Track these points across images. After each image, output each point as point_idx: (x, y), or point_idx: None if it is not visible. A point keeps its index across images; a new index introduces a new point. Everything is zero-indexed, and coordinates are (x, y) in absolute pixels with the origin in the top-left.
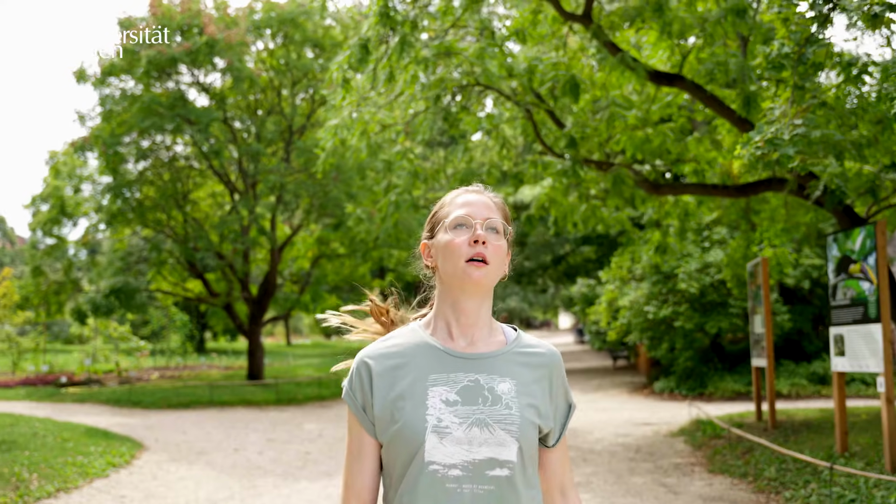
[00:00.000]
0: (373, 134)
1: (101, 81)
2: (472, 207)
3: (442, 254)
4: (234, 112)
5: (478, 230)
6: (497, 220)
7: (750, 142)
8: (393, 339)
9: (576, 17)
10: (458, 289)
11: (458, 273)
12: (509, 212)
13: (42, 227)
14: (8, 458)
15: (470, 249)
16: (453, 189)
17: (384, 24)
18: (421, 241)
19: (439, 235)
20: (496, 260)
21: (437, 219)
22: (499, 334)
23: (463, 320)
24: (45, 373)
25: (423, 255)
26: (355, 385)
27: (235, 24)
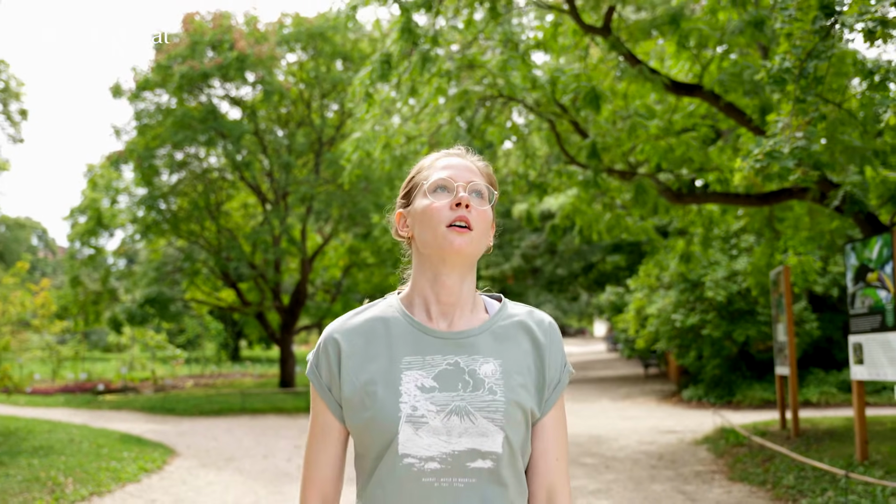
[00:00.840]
0: (398, 146)
1: (135, 96)
2: (454, 170)
3: (419, 220)
4: (266, 124)
5: (460, 192)
6: (481, 184)
7: (749, 154)
8: (366, 314)
9: (595, 29)
10: (437, 259)
11: (438, 240)
12: (495, 178)
13: (80, 238)
14: (45, 462)
15: (451, 213)
16: None
17: (406, 40)
18: (395, 210)
19: (417, 201)
20: (480, 226)
21: (413, 184)
22: (481, 311)
23: (444, 297)
24: (84, 380)
25: (398, 225)
26: (321, 362)
27: (265, 38)
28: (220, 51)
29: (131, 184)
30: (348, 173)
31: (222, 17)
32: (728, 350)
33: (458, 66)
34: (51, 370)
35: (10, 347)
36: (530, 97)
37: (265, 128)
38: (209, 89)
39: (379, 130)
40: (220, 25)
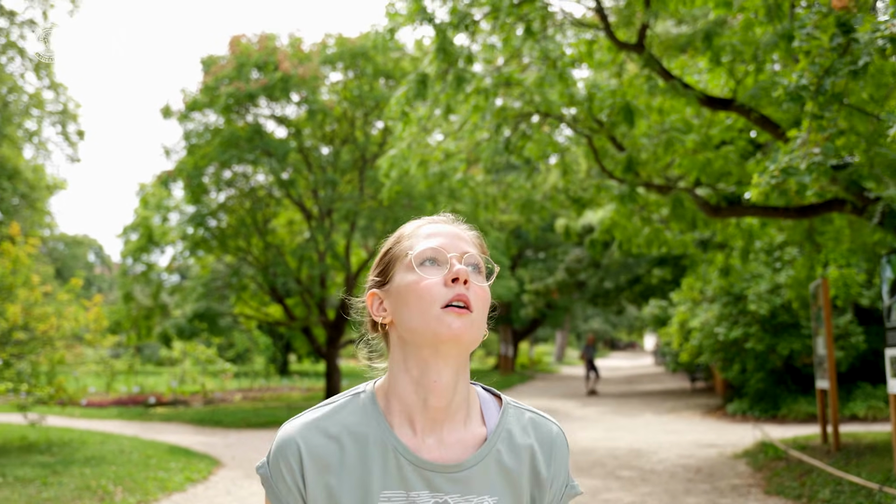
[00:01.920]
0: (436, 163)
1: (184, 117)
2: (444, 238)
3: (404, 300)
4: (312, 142)
5: (456, 265)
6: (476, 256)
7: (766, 170)
8: (335, 418)
9: (629, 46)
10: (428, 350)
11: (431, 325)
12: (486, 248)
13: (132, 255)
14: (96, 471)
15: (446, 291)
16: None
17: (442, 60)
18: (367, 290)
19: (398, 276)
20: (480, 306)
21: (392, 256)
22: (477, 420)
23: (433, 402)
24: (136, 394)
25: (371, 310)
26: (281, 478)
27: (309, 59)
28: (266, 72)
29: (181, 202)
30: (387, 189)
31: (267, 38)
32: (772, 364)
33: (496, 83)
34: (105, 383)
35: (65, 361)
36: (568, 113)
37: (311, 145)
38: (255, 109)
39: (415, 148)
40: (265, 47)
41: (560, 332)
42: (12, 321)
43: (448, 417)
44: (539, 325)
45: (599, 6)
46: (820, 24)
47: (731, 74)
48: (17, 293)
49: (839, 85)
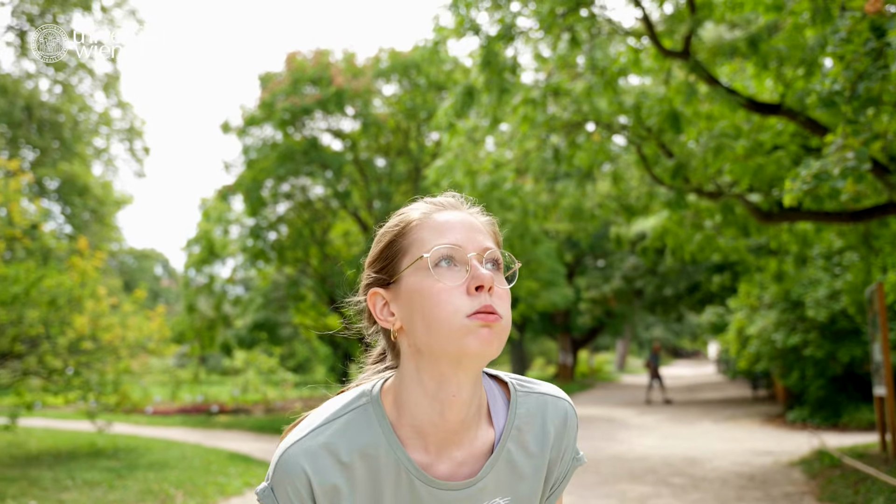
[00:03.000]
0: (486, 173)
1: (243, 132)
2: (460, 232)
3: (419, 308)
4: (367, 154)
5: (478, 269)
6: (496, 250)
7: (798, 176)
8: (345, 439)
9: (675, 53)
10: (448, 363)
11: (454, 338)
12: (500, 236)
13: (195, 267)
14: (159, 476)
15: (470, 301)
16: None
17: (489, 71)
18: (366, 288)
19: (408, 279)
20: (507, 311)
21: (394, 252)
22: (485, 422)
23: (450, 416)
24: (200, 402)
25: (375, 312)
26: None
27: (362, 73)
28: (321, 86)
29: (242, 215)
30: None
31: (322, 54)
32: (832, 371)
33: (544, 93)
34: (170, 392)
35: (131, 370)
36: (618, 121)
37: (367, 158)
38: (311, 123)
39: (461, 158)
40: (319, 63)
41: (621, 341)
42: (80, 331)
43: (463, 429)
44: (598, 333)
45: (645, 15)
46: (854, 29)
47: (780, 79)
48: (85, 305)
49: (873, 89)
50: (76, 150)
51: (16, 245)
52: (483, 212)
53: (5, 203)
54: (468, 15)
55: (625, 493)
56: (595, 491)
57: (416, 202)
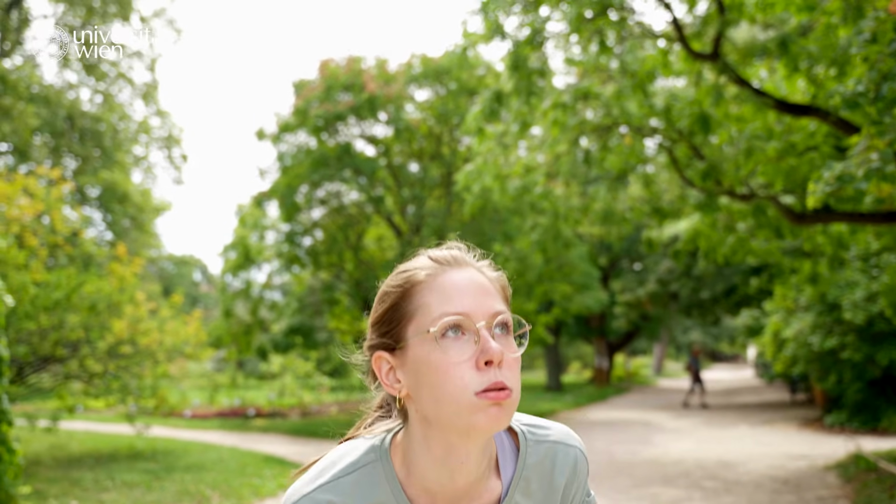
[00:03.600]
0: (516, 177)
1: (277, 139)
2: (468, 297)
3: (426, 382)
4: (402, 159)
5: (488, 341)
6: (506, 313)
7: (821, 178)
8: (355, 497)
9: (704, 56)
10: (457, 435)
11: (463, 415)
12: (510, 290)
13: (231, 272)
14: (195, 477)
15: (480, 376)
16: (426, 257)
17: (518, 76)
18: (370, 349)
19: (415, 348)
20: (518, 383)
21: (399, 315)
22: (493, 474)
23: (458, 479)
24: (237, 406)
25: (380, 376)
26: None
27: (394, 79)
28: (354, 93)
29: (277, 220)
30: (469, 205)
31: (354, 61)
32: (871, 374)
33: (574, 97)
34: (208, 396)
35: (168, 374)
36: (649, 124)
37: (400, 163)
38: (345, 129)
39: (491, 162)
40: (351, 69)
41: (658, 345)
42: (119, 336)
43: (471, 488)
44: (634, 337)
45: (674, 18)
46: (879, 30)
47: (811, 79)
48: (124, 310)
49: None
50: (116, 159)
51: (58, 252)
52: (492, 265)
53: (47, 211)
54: (496, 20)
55: (657, 497)
56: (628, 494)
57: (419, 256)
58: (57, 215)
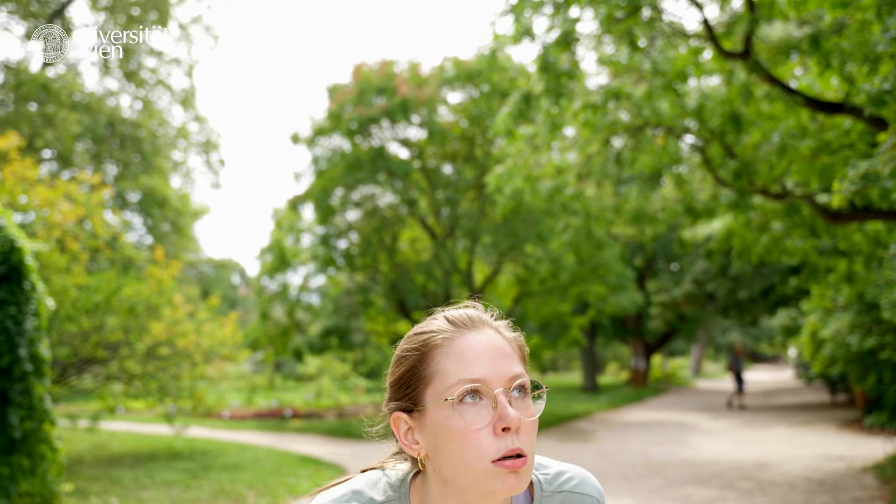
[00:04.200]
0: (548, 179)
1: (311, 142)
2: (486, 363)
3: (444, 447)
4: (436, 161)
5: (505, 408)
6: (525, 377)
7: (846, 177)
8: None
9: (735, 55)
10: (475, 498)
11: (480, 481)
12: (527, 349)
13: (268, 275)
14: (232, 477)
15: (498, 443)
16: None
17: (545, 78)
18: (389, 410)
19: (433, 413)
20: (533, 446)
21: (417, 378)
22: None
23: None
24: (274, 407)
25: (399, 436)
26: None
27: (426, 82)
28: (386, 96)
29: (313, 223)
30: (501, 206)
31: (387, 65)
32: None
33: (605, 97)
34: (246, 397)
35: (205, 375)
36: (680, 124)
37: (434, 165)
38: (378, 132)
39: (520, 164)
40: (384, 73)
41: (696, 346)
42: (157, 338)
43: None
44: (671, 337)
45: (705, 17)
46: None
47: (844, 77)
48: (163, 312)
49: None
50: (156, 164)
51: (99, 256)
52: (509, 325)
53: (88, 215)
54: (524, 22)
55: (690, 497)
56: (660, 494)
57: (434, 317)
58: (97, 220)
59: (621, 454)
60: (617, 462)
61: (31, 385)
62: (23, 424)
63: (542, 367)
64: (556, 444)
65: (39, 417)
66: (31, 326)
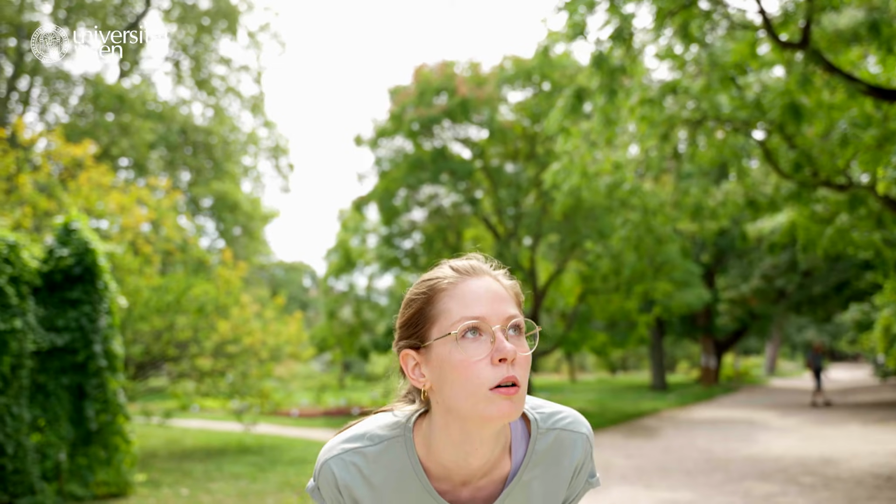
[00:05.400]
0: (606, 175)
1: (374, 144)
2: (483, 304)
3: (447, 377)
4: (499, 160)
5: (502, 342)
6: (520, 317)
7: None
8: (378, 464)
9: (793, 45)
10: (475, 423)
11: (478, 407)
12: (523, 296)
13: (334, 276)
14: (298, 470)
15: (494, 372)
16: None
17: (599, 74)
18: (398, 349)
19: (438, 348)
20: (526, 378)
21: (424, 318)
22: (505, 455)
23: (472, 461)
24: (343, 406)
25: (407, 371)
26: (329, 499)
27: (486, 82)
28: (447, 95)
29: (378, 224)
30: (559, 203)
31: (447, 66)
32: None
33: (662, 92)
34: (315, 396)
35: (272, 373)
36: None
37: (498, 164)
38: (440, 132)
39: (576, 161)
40: (444, 74)
41: (770, 344)
42: (224, 336)
43: (484, 468)
44: (742, 335)
45: (761, 7)
46: None
47: None
48: (231, 312)
49: None
50: (227, 169)
51: (170, 258)
52: (507, 274)
53: (159, 220)
54: (575, 18)
55: (749, 491)
56: (719, 488)
57: (441, 266)
58: (168, 224)
59: (685, 450)
60: (680, 458)
61: (105, 380)
62: (98, 417)
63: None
64: (620, 440)
65: (114, 411)
66: (105, 324)
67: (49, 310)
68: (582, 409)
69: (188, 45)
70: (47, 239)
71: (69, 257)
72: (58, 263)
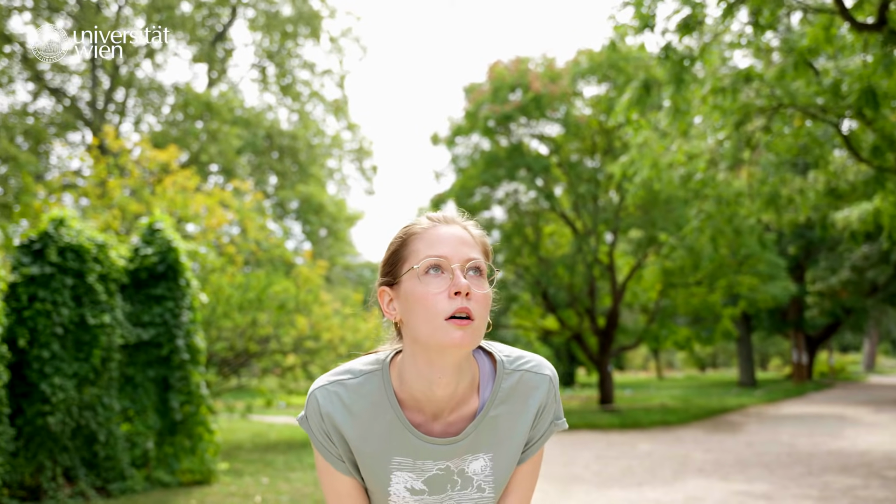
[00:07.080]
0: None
1: (450, 142)
2: (447, 245)
3: (411, 309)
4: (579, 155)
5: (459, 278)
6: (480, 260)
7: None
8: (358, 393)
9: (868, 26)
10: (434, 352)
11: (436, 335)
12: (490, 246)
13: None
14: None
15: (450, 303)
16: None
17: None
18: (377, 286)
19: (405, 283)
20: (482, 313)
21: (398, 258)
22: (473, 393)
23: (437, 391)
24: None
25: (382, 306)
26: (316, 430)
27: (559, 77)
28: (521, 91)
29: None
30: (632, 195)
31: (521, 62)
32: None
33: (734, 80)
34: None
35: None
36: (816, 102)
37: (577, 160)
38: (516, 128)
39: (645, 152)
40: (517, 70)
41: (868, 339)
42: (302, 332)
43: (453, 401)
44: (836, 330)
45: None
46: None
47: None
48: (311, 309)
49: None
50: (312, 172)
51: (254, 258)
52: (477, 225)
53: (241, 220)
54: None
55: (829, 484)
56: (798, 481)
57: (419, 217)
58: (250, 224)
59: (767, 445)
60: (761, 452)
61: (188, 373)
62: (182, 408)
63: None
64: (702, 434)
65: (197, 402)
66: (187, 319)
67: (135, 306)
68: (664, 404)
69: (273, 52)
70: (133, 238)
71: (153, 255)
72: (143, 262)
